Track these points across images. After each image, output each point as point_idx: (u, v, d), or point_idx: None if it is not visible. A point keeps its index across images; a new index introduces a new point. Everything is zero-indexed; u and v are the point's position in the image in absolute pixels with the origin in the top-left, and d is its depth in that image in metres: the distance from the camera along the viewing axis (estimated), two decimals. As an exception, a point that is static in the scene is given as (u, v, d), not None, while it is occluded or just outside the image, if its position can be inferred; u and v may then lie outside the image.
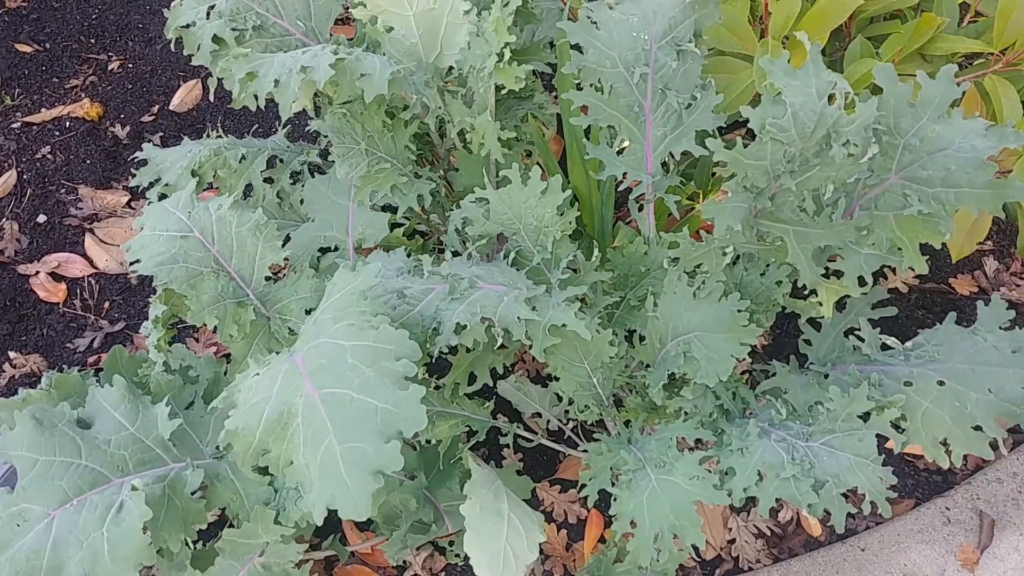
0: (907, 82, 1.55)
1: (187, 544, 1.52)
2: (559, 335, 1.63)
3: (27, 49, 3.26)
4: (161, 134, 3.00)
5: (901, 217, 1.53)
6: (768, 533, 2.07)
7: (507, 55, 1.75)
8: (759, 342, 2.39)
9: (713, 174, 2.32)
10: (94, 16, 3.39)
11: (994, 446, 1.52)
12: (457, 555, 1.97)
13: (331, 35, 2.04)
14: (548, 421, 2.13)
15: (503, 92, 1.92)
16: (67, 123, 3.01)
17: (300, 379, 1.34)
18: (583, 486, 1.65)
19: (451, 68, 1.96)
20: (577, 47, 1.80)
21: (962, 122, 1.50)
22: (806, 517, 2.08)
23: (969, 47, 1.99)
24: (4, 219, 2.74)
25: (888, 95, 1.50)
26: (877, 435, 1.51)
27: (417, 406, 1.27)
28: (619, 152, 1.86)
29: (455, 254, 1.80)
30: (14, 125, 3.00)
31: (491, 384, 1.84)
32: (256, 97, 1.75)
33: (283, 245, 1.77)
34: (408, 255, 1.73)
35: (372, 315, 1.38)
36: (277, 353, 1.50)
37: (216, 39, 1.93)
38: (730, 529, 2.06)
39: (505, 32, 1.73)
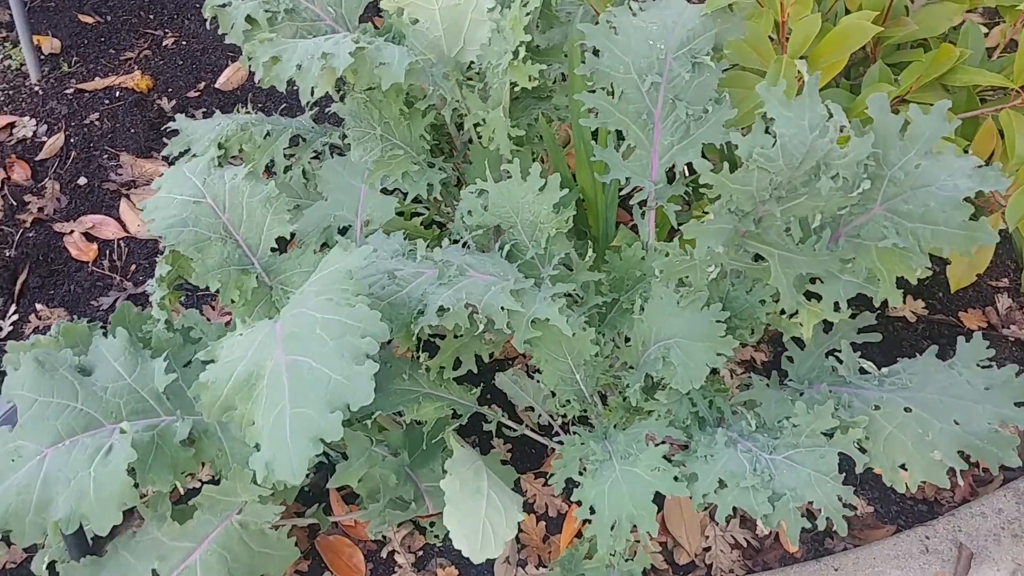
0: (927, 112, 1.56)
1: (177, 487, 1.59)
2: (543, 329, 1.67)
3: (89, 20, 3.41)
4: (204, 110, 3.11)
5: (880, 248, 1.54)
6: (745, 544, 2.09)
7: (522, 53, 1.80)
8: (759, 358, 2.41)
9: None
10: (155, -8, 3.53)
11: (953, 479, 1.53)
12: (436, 535, 2.03)
13: (359, 23, 2.12)
14: (539, 415, 2.17)
15: (518, 90, 1.96)
16: (117, 92, 3.13)
17: (274, 344, 1.41)
18: (553, 474, 1.69)
19: (472, 63, 2.02)
20: (594, 50, 1.84)
21: (951, 159, 1.50)
22: (783, 532, 2.10)
23: (989, 80, 1.99)
24: (47, 179, 2.87)
25: (879, 125, 1.52)
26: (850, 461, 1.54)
27: (368, 381, 1.32)
28: (625, 156, 1.89)
29: (454, 242, 1.86)
30: (67, 91, 3.13)
31: (476, 371, 1.90)
32: (283, 80, 1.81)
33: (295, 221, 1.84)
34: (406, 238, 1.79)
35: (354, 294, 1.44)
36: (271, 319, 1.57)
37: (249, 19, 2.02)
38: (707, 537, 2.08)
39: (521, 31, 1.79)
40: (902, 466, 1.57)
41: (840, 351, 1.77)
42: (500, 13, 1.93)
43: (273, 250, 1.81)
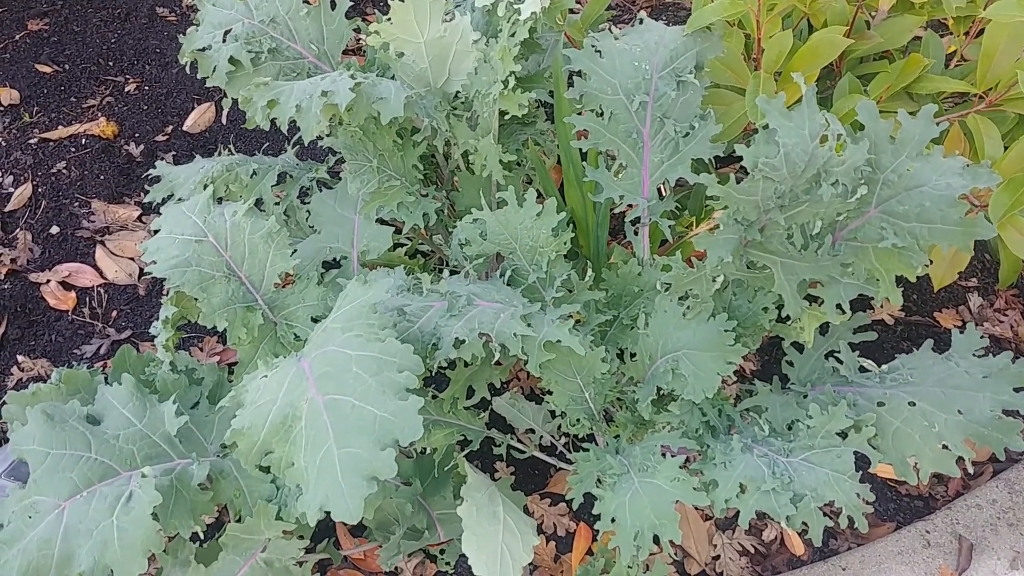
0: (892, 119, 1.63)
1: (197, 534, 1.57)
2: (553, 351, 1.69)
3: (47, 70, 3.37)
4: (174, 153, 3.09)
5: (878, 249, 1.60)
6: (752, 551, 2.12)
7: (512, 82, 1.84)
8: (748, 367, 2.46)
9: (706, 204, 2.39)
10: (113, 40, 3.50)
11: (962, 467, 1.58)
12: (448, 563, 2.03)
13: (341, 60, 2.13)
14: (541, 437, 2.19)
15: (506, 117, 2.00)
16: (83, 140, 3.10)
17: (306, 384, 1.40)
18: (570, 489, 1.71)
19: (457, 93, 2.05)
20: (579, 73, 1.88)
21: (940, 160, 1.57)
22: (789, 536, 2.14)
23: (954, 87, 2.08)
24: (18, 229, 2.82)
25: (870, 131, 1.57)
26: (861, 459, 1.58)
27: (414, 416, 1.32)
28: (616, 175, 1.93)
29: (453, 272, 1.88)
30: (31, 140, 3.09)
31: (488, 398, 1.91)
32: (273, 120, 1.81)
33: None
34: (408, 273, 1.80)
35: (380, 328, 1.44)
36: (284, 357, 1.56)
37: (233, 61, 2.02)
38: (715, 546, 2.11)
39: (511, 61, 1.82)
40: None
41: (838, 351, 1.81)
42: (486, 44, 1.97)
43: (275, 286, 1.81)
